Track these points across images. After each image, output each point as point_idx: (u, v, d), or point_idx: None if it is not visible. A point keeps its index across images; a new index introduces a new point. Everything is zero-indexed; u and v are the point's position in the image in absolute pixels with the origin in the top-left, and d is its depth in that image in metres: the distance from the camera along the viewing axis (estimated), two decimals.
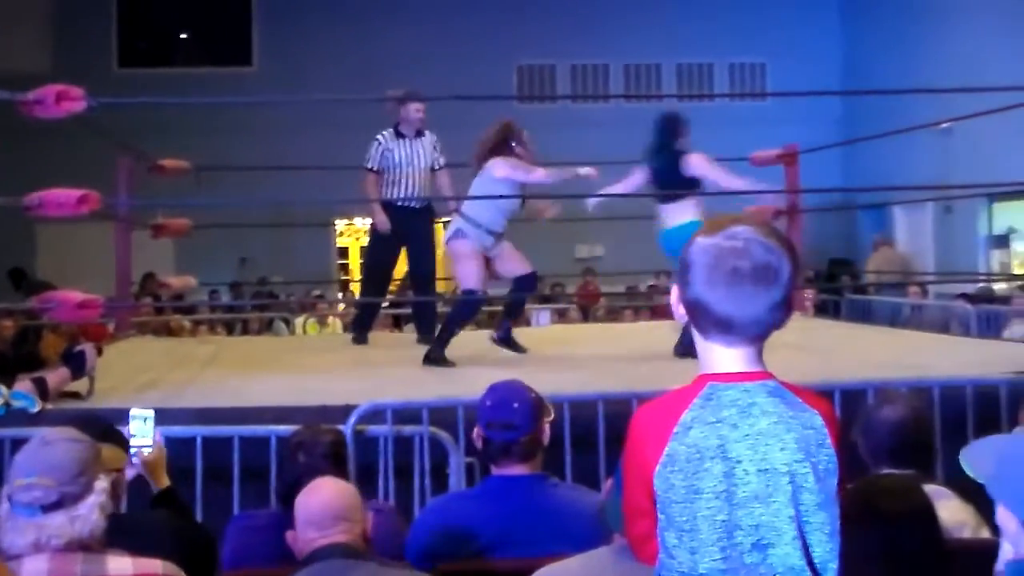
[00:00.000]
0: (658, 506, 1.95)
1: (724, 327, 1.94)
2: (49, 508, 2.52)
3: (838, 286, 13.04)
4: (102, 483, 2.61)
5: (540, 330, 10.54)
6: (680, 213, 6.94)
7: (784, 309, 1.95)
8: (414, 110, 7.97)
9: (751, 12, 16.57)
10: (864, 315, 10.90)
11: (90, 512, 2.55)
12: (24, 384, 5.14)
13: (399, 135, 8.00)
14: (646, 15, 16.48)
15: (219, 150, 12.73)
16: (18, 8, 15.79)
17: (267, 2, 16.53)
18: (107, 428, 3.28)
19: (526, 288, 7.26)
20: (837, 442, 1.96)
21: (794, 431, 1.91)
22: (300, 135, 14.42)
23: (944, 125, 11.23)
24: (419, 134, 8.07)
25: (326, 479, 3.05)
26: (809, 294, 10.42)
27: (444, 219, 8.39)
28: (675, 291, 2.03)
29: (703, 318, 1.96)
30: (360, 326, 8.35)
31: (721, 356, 1.98)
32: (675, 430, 1.92)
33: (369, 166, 7.98)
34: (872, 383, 4.97)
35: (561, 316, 12.22)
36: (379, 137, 8.02)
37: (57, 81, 6.20)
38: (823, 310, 11.23)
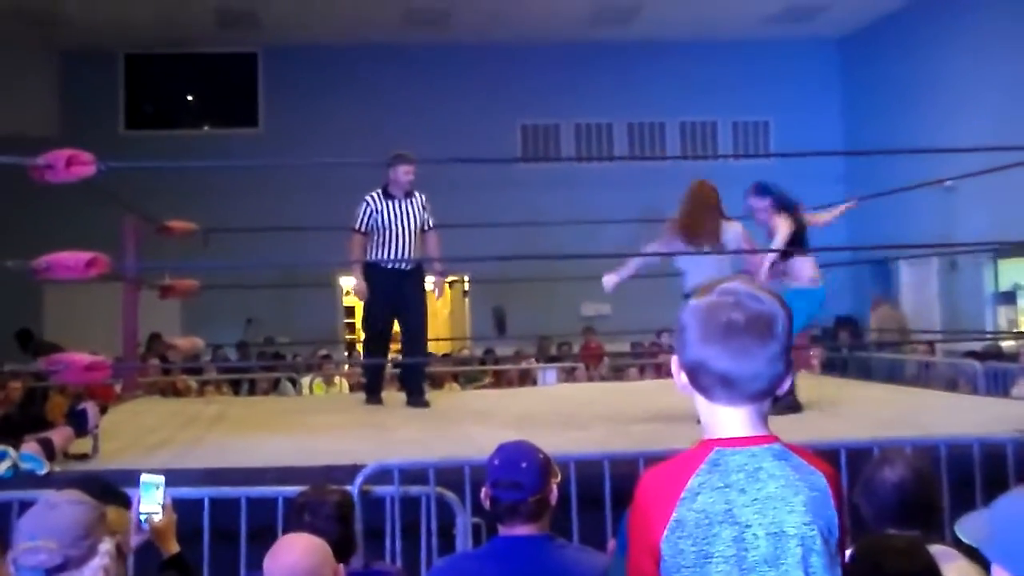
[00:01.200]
0: (663, 571, 1.95)
1: (725, 384, 1.95)
2: (53, 571, 2.52)
3: (841, 345, 13.05)
4: (106, 545, 2.62)
5: (547, 389, 10.55)
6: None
7: (783, 362, 1.96)
8: (403, 172, 7.93)
9: (754, 71, 16.72)
10: (868, 372, 10.90)
11: (94, 575, 2.56)
12: (31, 446, 5.14)
13: (388, 196, 7.96)
14: (649, 74, 16.61)
15: (225, 211, 12.83)
16: (26, 71, 15.97)
17: (273, 65, 16.67)
18: (111, 490, 3.29)
19: None
20: (839, 502, 1.98)
21: (802, 494, 1.92)
22: (305, 196, 14.51)
23: (948, 183, 11.28)
24: (408, 195, 8.01)
25: (293, 537, 3.06)
26: (816, 352, 10.43)
27: (430, 279, 8.36)
28: (674, 360, 2.05)
29: (703, 377, 1.97)
30: (371, 389, 8.28)
31: (725, 418, 1.98)
32: (682, 496, 1.93)
33: (356, 227, 7.95)
34: (878, 441, 4.95)
35: (568, 375, 12.21)
36: (368, 199, 7.98)
37: (64, 143, 6.27)
38: (831, 367, 11.22)
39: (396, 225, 7.88)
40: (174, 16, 14.90)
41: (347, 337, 17.17)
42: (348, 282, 15.88)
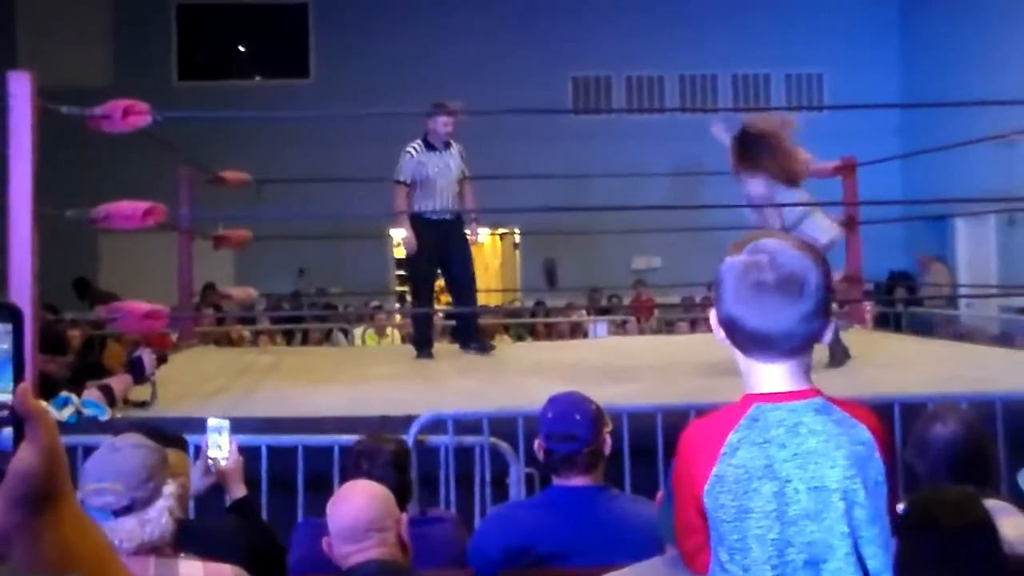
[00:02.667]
0: (709, 523, 1.98)
1: (758, 342, 1.96)
2: (120, 512, 2.57)
3: (895, 299, 12.94)
4: (170, 488, 2.67)
5: (597, 341, 10.56)
6: None
7: (817, 320, 1.95)
8: (442, 123, 7.91)
9: (808, 22, 16.51)
10: (926, 328, 10.81)
11: (160, 516, 2.61)
12: (93, 392, 5.23)
13: (429, 146, 7.95)
14: (701, 26, 16.44)
15: (277, 162, 12.86)
16: (81, 24, 16.09)
17: (324, 15, 16.67)
18: (171, 435, 3.35)
19: None
20: (886, 453, 1.98)
21: (843, 448, 1.92)
22: (357, 147, 14.51)
23: (1008, 137, 11.10)
24: (447, 145, 8.02)
25: (356, 484, 3.09)
26: (868, 307, 10.36)
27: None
28: (713, 312, 2.06)
29: (738, 334, 1.99)
30: (422, 342, 8.21)
31: (764, 374, 1.99)
32: (723, 451, 1.95)
33: (401, 178, 7.94)
34: (933, 397, 4.92)
35: (618, 327, 12.22)
36: (410, 150, 7.96)
37: (118, 94, 6.32)
38: (884, 323, 11.14)
39: (438, 176, 7.89)
40: None
41: (398, 288, 17.25)
42: (398, 234, 15.96)
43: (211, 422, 3.66)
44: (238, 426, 4.78)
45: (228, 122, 14.31)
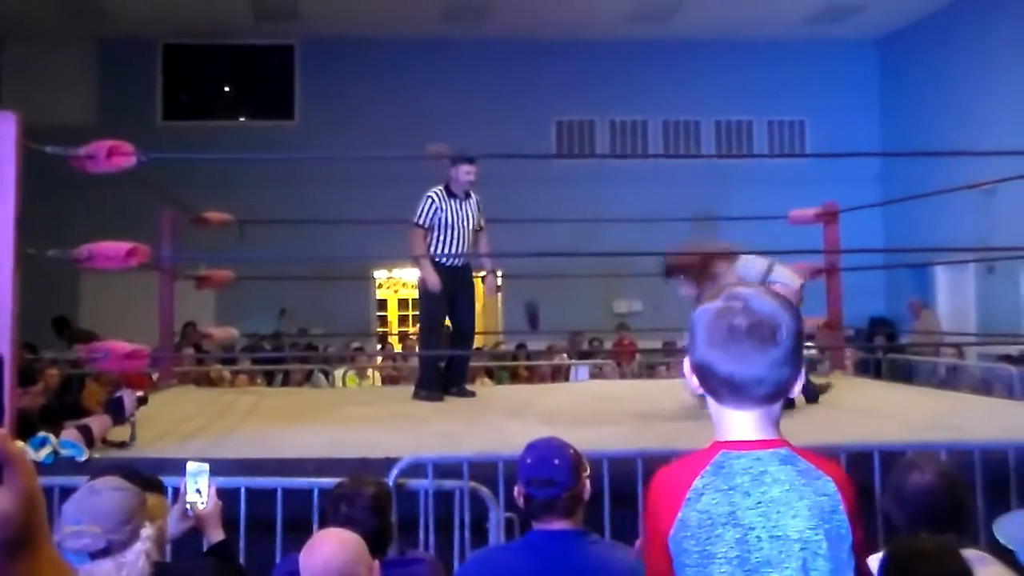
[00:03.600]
0: (675, 568, 1.99)
1: (729, 387, 1.98)
2: (97, 555, 2.57)
3: (875, 346, 12.99)
4: (148, 531, 2.67)
5: (579, 385, 10.55)
6: None
7: (788, 367, 1.97)
8: (464, 172, 7.95)
9: (790, 70, 16.69)
10: (905, 375, 10.84)
11: (136, 559, 2.60)
12: (71, 432, 5.20)
13: (451, 195, 8.02)
14: (685, 71, 16.60)
15: (260, 202, 12.88)
16: (65, 61, 16.11)
17: (309, 57, 16.74)
18: (149, 477, 3.33)
19: None
20: (851, 506, 1.98)
21: (807, 498, 1.93)
22: (340, 189, 14.57)
23: (987, 186, 11.20)
24: (467, 195, 8.09)
25: (328, 532, 3.09)
26: (848, 353, 10.39)
27: (480, 274, 8.55)
28: (686, 361, 2.08)
29: (710, 380, 2.00)
30: (428, 383, 8.15)
31: (733, 421, 2.01)
32: (687, 496, 1.97)
33: (419, 222, 8.00)
34: (912, 445, 4.93)
35: (599, 371, 12.21)
36: (431, 195, 8.02)
37: (102, 133, 6.34)
38: (864, 369, 11.18)
39: (457, 224, 7.97)
40: (212, 6, 14.98)
41: (379, 330, 17.24)
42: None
43: (190, 466, 3.64)
44: (217, 468, 4.76)
45: (212, 162, 14.33)
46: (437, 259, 7.98)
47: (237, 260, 10.25)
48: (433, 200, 7.99)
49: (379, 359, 12.56)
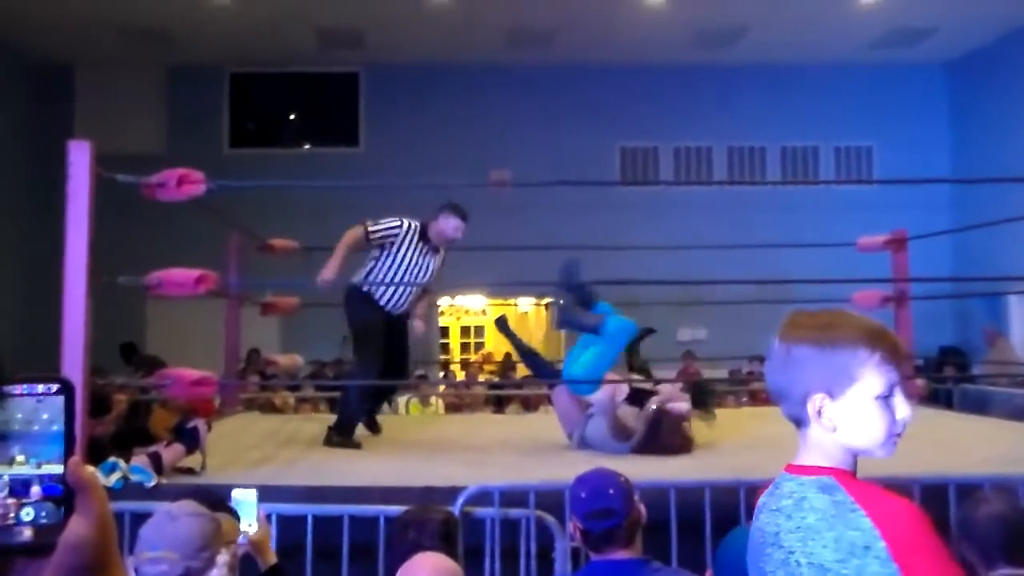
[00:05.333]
0: None
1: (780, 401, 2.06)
2: None
3: (947, 376, 12.76)
4: (223, 557, 2.66)
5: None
6: None
7: (784, 377, 2.01)
8: (453, 227, 7.36)
9: (857, 94, 16.52)
10: (978, 406, 10.62)
11: None
12: (141, 459, 5.24)
13: (422, 237, 7.38)
14: (750, 97, 16.50)
15: (325, 229, 12.93)
16: (135, 89, 16.35)
17: (375, 84, 16.83)
18: (222, 502, 3.34)
19: None
20: (910, 541, 1.87)
21: (835, 530, 1.90)
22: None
23: None
24: (437, 249, 7.46)
25: (427, 555, 3.06)
26: (919, 383, 10.22)
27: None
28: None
29: (786, 403, 2.06)
30: (349, 427, 7.29)
31: (798, 442, 2.05)
32: (755, 511, 2.08)
33: (370, 228, 7.35)
34: (990, 478, 4.82)
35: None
36: (404, 222, 7.40)
37: (170, 161, 6.41)
38: (934, 400, 10.98)
39: (409, 270, 7.32)
40: (278, 35, 15.14)
41: (442, 357, 17.24)
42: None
43: (236, 494, 3.64)
44: (284, 495, 4.80)
45: (277, 190, 14.45)
46: (380, 301, 7.34)
47: (301, 287, 10.27)
48: (401, 227, 7.37)
49: (441, 387, 12.53)
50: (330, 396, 11.86)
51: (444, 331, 18.38)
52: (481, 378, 14.46)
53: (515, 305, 19.38)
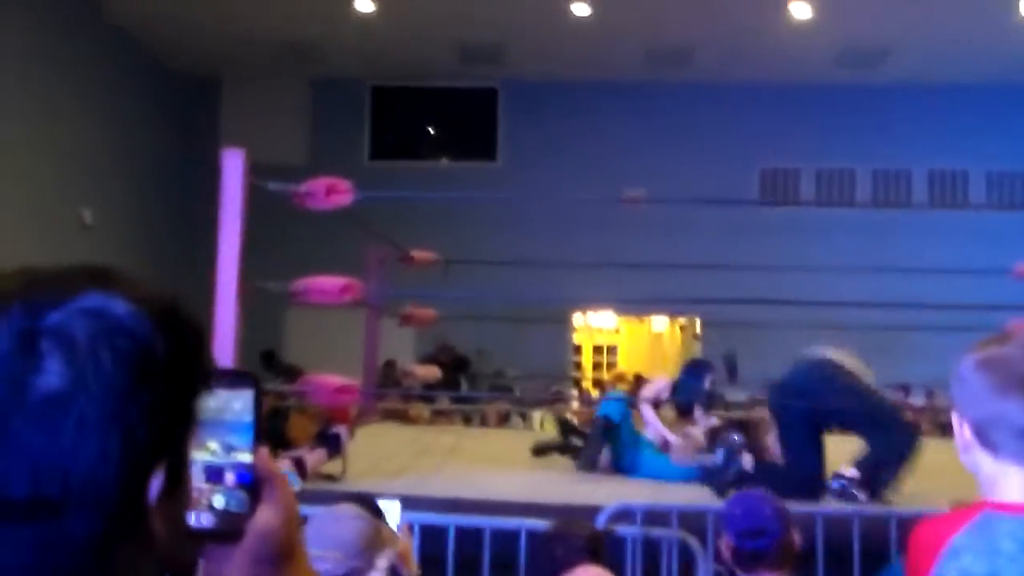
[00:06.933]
0: None
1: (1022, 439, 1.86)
2: None
3: None
4: (383, 561, 2.68)
5: None
6: None
7: None
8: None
9: (1008, 118, 15.96)
10: None
11: None
12: (285, 463, 5.31)
13: None
14: (896, 118, 16.08)
15: (461, 242, 13.03)
16: (280, 101, 16.71)
17: (513, 100, 16.89)
18: (378, 509, 3.36)
19: None
20: None
21: None
22: (542, 230, 14.64)
23: None
24: None
25: (591, 570, 3.02)
26: None
27: None
28: (955, 415, 1.97)
29: (997, 432, 1.88)
30: None
31: (1010, 479, 1.88)
32: (943, 552, 1.86)
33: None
34: None
35: None
36: None
37: (312, 171, 6.51)
38: None
39: None
40: (420, 50, 15.31)
41: (574, 375, 17.20)
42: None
43: (381, 503, 3.65)
44: (425, 505, 4.81)
45: (416, 202, 14.60)
46: None
47: (440, 298, 10.35)
48: None
49: (575, 404, 12.49)
50: (465, 409, 11.94)
51: (577, 349, 18.32)
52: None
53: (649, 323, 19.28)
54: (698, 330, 16.49)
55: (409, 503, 4.06)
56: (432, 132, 17.74)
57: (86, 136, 13.38)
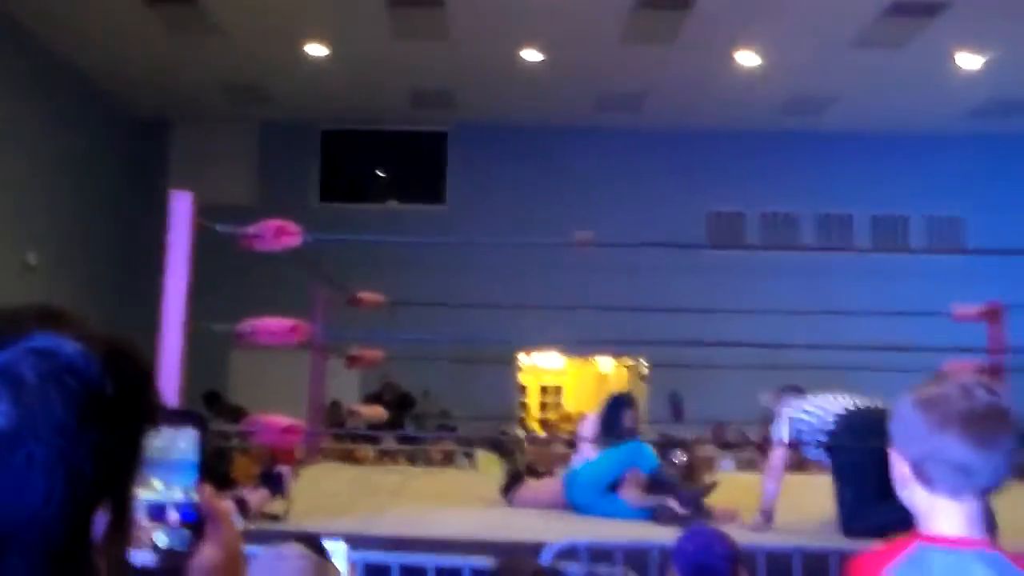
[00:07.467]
0: None
1: (960, 474, 1.91)
2: None
3: None
4: None
5: (725, 477, 10.34)
6: None
7: (1011, 458, 1.93)
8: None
9: (948, 165, 16.29)
10: None
11: None
12: (227, 503, 5.27)
13: None
14: (839, 164, 16.36)
15: (409, 284, 13.05)
16: (228, 143, 16.69)
17: (462, 143, 16.96)
18: (323, 548, 3.35)
19: None
20: None
21: None
22: (489, 273, 14.68)
23: None
24: None
25: None
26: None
27: None
28: (894, 453, 2.01)
29: (933, 467, 1.93)
30: None
31: (941, 513, 1.93)
32: None
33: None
34: None
35: (748, 465, 11.98)
36: None
37: (261, 213, 6.52)
38: None
39: None
40: (371, 94, 15.37)
41: (520, 416, 17.19)
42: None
43: (324, 544, 3.65)
44: (369, 543, 4.80)
45: (364, 244, 14.60)
46: None
47: (387, 340, 10.34)
48: None
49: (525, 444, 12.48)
50: (409, 449, 11.90)
51: (523, 389, 18.33)
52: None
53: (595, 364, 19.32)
54: (644, 371, 16.56)
55: (353, 541, 4.07)
56: (381, 175, 17.76)
57: (32, 175, 13.27)
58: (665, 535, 4.33)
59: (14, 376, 0.92)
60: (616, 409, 7.34)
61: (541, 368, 19.38)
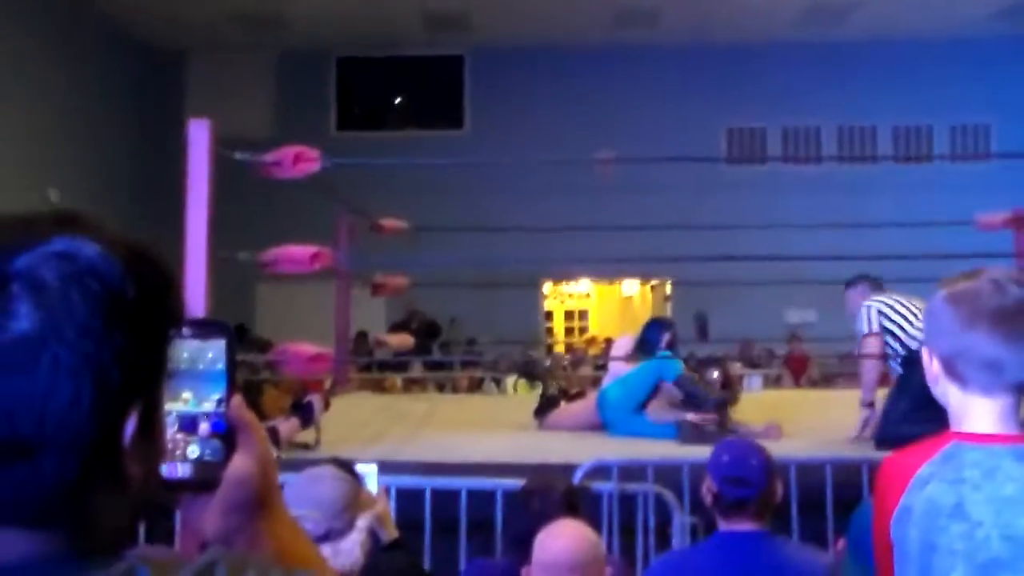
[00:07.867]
0: (895, 558, 1.94)
1: (990, 371, 1.90)
2: (316, 540, 2.59)
3: None
4: (363, 521, 2.69)
5: (753, 395, 10.36)
6: None
7: None
8: None
9: (974, 70, 16.01)
10: None
11: (352, 547, 2.63)
12: None
13: None
14: (861, 74, 16.13)
15: (430, 211, 13.01)
16: (245, 74, 16.61)
17: (479, 67, 16.85)
18: (356, 473, 3.37)
19: None
20: None
21: None
22: (510, 197, 14.63)
23: None
24: None
25: (570, 523, 3.02)
26: None
27: None
28: (926, 350, 2.01)
29: (964, 364, 1.92)
30: None
31: (975, 410, 1.93)
32: (911, 482, 1.91)
33: None
34: None
35: (775, 382, 12.01)
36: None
37: (279, 143, 6.49)
38: None
39: None
40: (385, 19, 15.24)
41: (547, 341, 17.24)
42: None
43: (359, 467, 3.67)
44: (401, 469, 4.83)
45: (384, 171, 14.56)
46: None
47: (411, 266, 10.33)
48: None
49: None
50: (438, 376, 11.96)
51: (549, 315, 18.35)
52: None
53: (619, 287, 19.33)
54: (668, 291, 16.55)
55: (385, 468, 4.09)
56: (399, 102, 17.68)
57: (50, 113, 13.26)
58: (696, 451, 4.34)
59: (36, 279, 0.91)
60: (655, 331, 7.36)
61: (566, 293, 19.40)
